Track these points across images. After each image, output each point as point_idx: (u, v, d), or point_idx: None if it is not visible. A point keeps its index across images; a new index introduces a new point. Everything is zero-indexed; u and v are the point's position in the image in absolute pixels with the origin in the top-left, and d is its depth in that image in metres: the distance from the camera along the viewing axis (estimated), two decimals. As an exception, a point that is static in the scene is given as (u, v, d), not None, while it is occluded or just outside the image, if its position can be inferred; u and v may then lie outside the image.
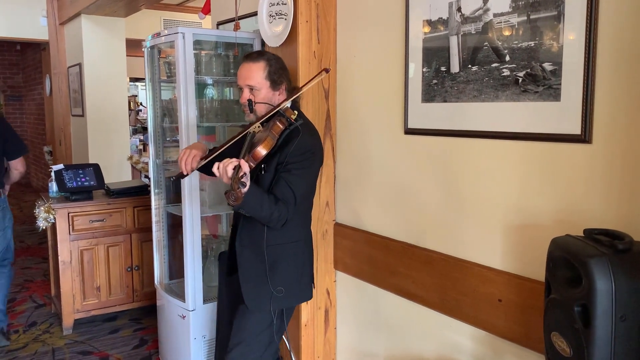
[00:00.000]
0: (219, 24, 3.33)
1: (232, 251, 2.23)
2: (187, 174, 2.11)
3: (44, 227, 3.67)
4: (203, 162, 2.12)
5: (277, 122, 1.97)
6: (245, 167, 1.80)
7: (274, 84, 2.08)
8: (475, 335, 2.04)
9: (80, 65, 5.91)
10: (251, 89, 2.07)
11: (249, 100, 2.07)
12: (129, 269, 3.87)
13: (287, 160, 1.98)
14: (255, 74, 2.05)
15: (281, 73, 2.11)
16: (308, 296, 2.24)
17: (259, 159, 1.92)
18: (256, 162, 1.92)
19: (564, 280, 1.37)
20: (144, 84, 6.37)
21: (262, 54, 2.13)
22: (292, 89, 2.16)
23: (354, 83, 2.56)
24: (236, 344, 2.12)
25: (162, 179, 3.14)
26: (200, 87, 2.94)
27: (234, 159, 1.84)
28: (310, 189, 2.15)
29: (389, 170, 2.39)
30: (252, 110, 2.08)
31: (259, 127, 2.01)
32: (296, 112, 2.01)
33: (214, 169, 1.88)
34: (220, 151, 2.07)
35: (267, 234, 2.05)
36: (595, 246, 1.32)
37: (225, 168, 1.83)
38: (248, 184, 1.80)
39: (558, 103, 1.69)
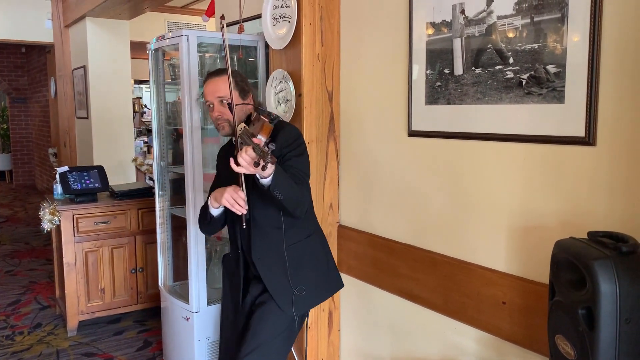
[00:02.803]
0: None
1: (237, 259, 2.17)
2: (247, 211, 1.92)
3: (48, 229, 3.69)
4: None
5: (262, 117, 1.96)
6: (258, 142, 1.71)
7: (243, 92, 2.10)
8: (479, 338, 2.04)
9: (85, 67, 5.93)
10: (221, 100, 2.06)
11: (229, 104, 2.01)
12: (133, 271, 3.88)
13: (282, 151, 1.99)
14: (223, 85, 2.04)
15: (247, 82, 2.14)
16: (340, 284, 2.27)
17: (268, 133, 1.80)
18: (266, 137, 1.79)
19: (568, 283, 1.37)
20: (148, 86, 6.38)
21: (223, 69, 2.14)
22: (258, 102, 2.20)
23: (358, 85, 2.56)
24: (252, 349, 2.04)
25: (166, 181, 3.15)
26: (205, 89, 2.95)
27: (247, 146, 1.70)
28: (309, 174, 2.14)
29: (392, 172, 2.39)
30: (232, 111, 1.97)
31: (242, 128, 1.95)
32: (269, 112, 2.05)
33: (239, 161, 1.69)
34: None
35: (285, 235, 2.02)
36: (599, 249, 1.32)
37: (246, 153, 1.66)
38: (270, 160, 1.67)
39: (562, 105, 1.69)
